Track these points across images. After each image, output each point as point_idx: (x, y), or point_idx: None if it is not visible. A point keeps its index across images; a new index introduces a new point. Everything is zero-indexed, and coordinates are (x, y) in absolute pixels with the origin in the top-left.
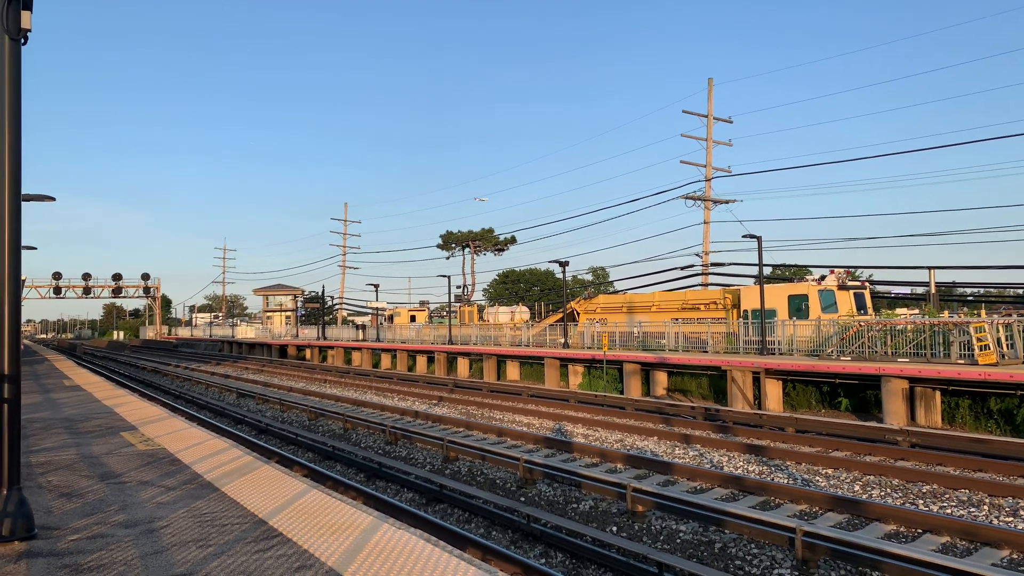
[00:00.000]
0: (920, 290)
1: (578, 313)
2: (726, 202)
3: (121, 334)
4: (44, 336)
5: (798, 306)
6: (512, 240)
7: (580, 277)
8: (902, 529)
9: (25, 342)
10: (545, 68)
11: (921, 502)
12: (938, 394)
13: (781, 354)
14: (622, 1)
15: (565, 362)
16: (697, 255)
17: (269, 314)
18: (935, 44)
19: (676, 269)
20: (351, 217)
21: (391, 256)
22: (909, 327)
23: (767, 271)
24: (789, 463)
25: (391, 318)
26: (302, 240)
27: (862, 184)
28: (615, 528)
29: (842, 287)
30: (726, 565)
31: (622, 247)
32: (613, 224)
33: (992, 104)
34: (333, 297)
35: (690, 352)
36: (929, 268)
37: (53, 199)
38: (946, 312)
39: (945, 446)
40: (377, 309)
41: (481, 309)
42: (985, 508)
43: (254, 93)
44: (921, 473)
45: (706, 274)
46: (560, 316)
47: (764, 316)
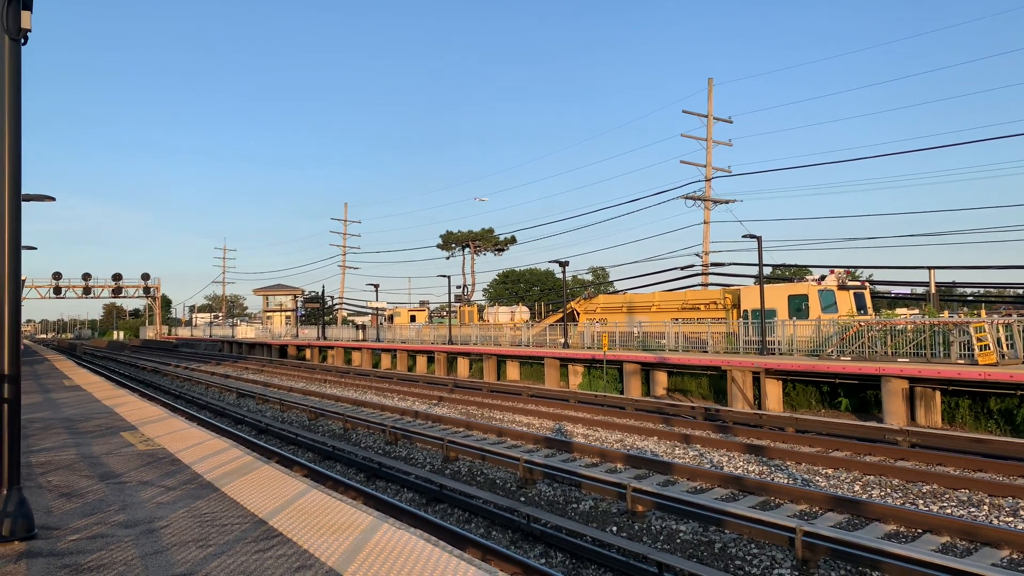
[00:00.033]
0: (920, 290)
1: (578, 313)
2: (726, 202)
3: (121, 334)
4: (44, 336)
5: (798, 306)
6: (512, 240)
7: (580, 277)
8: (902, 529)
9: (25, 342)
10: (545, 68)
11: (921, 502)
12: (938, 394)
13: (781, 354)
14: (622, 1)
15: (565, 362)
16: (697, 255)
17: (269, 314)
18: (935, 44)
19: (676, 269)
20: (351, 217)
21: (391, 256)
22: (909, 327)
23: (767, 271)
24: (789, 463)
25: (391, 318)
26: (302, 240)
27: (862, 184)
28: (615, 528)
29: (842, 287)
30: (726, 565)
31: (622, 247)
32: (613, 224)
33: (992, 104)
34: (333, 297)
35: (690, 352)
36: (929, 268)
37: (53, 199)
38: (946, 312)
39: (945, 446)
40: (377, 309)
41: (481, 309)
42: (985, 508)
43: (254, 93)
44: (921, 473)
45: (706, 274)
46: (560, 316)
47: (764, 316)
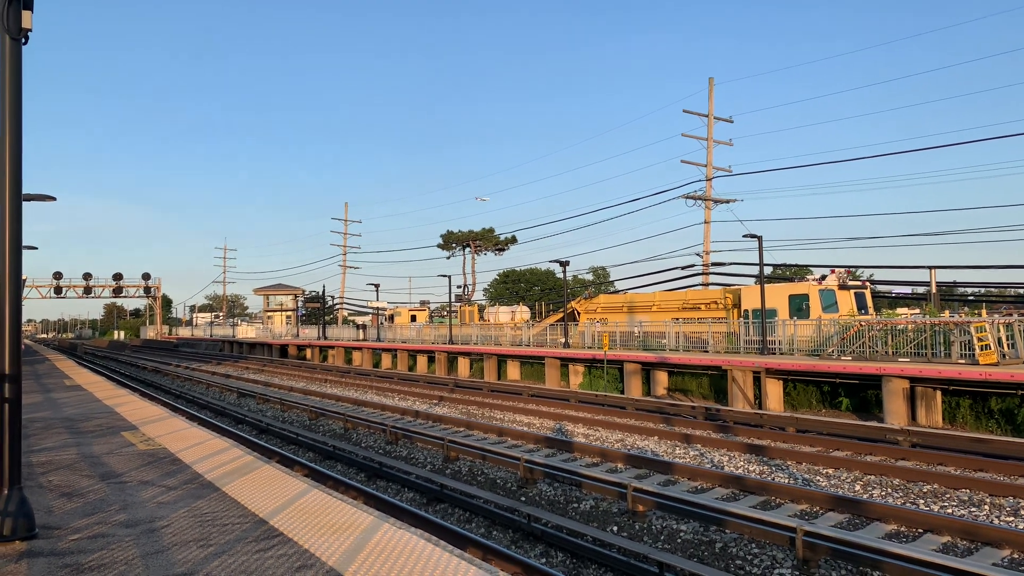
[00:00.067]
0: (921, 290)
1: (579, 313)
2: (727, 201)
3: (122, 334)
4: (45, 336)
5: (799, 306)
6: (512, 240)
7: (581, 277)
8: (903, 529)
9: (26, 342)
10: (545, 68)
11: (922, 502)
12: (939, 394)
13: (782, 354)
14: (622, 1)
15: (566, 362)
16: (698, 255)
17: (270, 314)
18: (935, 44)
19: (677, 269)
20: (351, 217)
21: (391, 256)
22: (910, 327)
23: (768, 271)
24: (790, 463)
25: (391, 318)
26: (302, 240)
27: (862, 184)
28: (616, 528)
29: (843, 287)
30: (727, 565)
31: (622, 247)
32: (613, 224)
33: (992, 104)
34: (333, 297)
35: (691, 352)
36: (930, 268)
37: (54, 199)
38: (947, 312)
39: (946, 446)
40: (378, 309)
41: (482, 309)
42: (986, 508)
43: (254, 93)
44: (922, 473)
45: (707, 274)
46: (561, 316)
47: (765, 316)
